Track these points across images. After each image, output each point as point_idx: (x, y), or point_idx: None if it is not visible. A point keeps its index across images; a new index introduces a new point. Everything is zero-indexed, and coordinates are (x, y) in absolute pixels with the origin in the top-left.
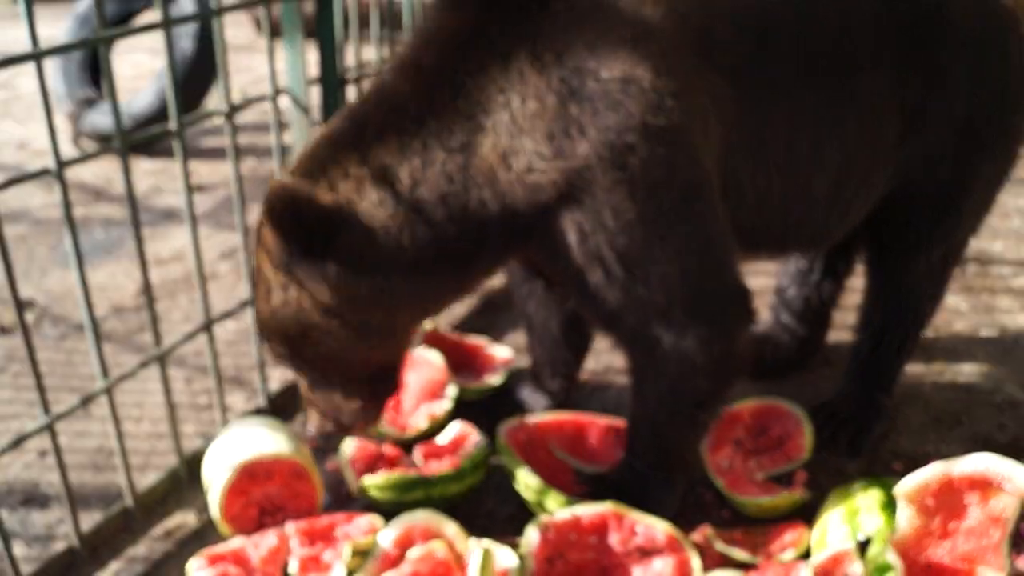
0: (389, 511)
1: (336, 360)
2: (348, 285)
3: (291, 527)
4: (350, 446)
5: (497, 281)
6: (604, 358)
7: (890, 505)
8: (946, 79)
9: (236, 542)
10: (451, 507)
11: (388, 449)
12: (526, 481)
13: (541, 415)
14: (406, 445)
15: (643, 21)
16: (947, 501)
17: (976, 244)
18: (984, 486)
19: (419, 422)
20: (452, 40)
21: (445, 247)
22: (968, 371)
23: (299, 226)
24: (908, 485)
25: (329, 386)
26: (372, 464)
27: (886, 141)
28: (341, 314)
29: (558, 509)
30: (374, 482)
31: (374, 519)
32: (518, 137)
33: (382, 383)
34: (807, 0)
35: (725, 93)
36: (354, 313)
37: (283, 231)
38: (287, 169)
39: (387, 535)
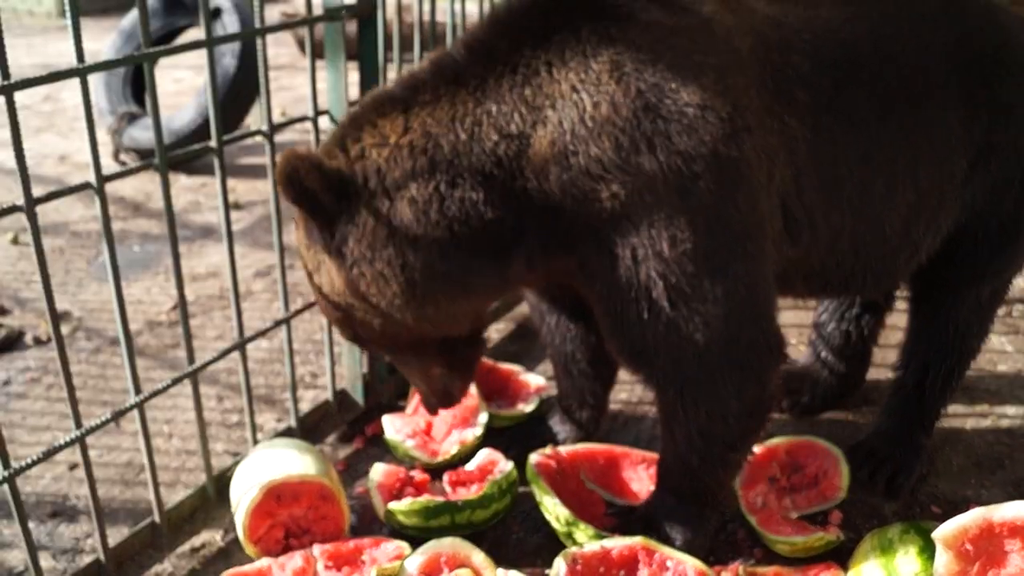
0: (416, 537)
1: (394, 337)
2: (366, 258)
3: (317, 550)
4: (379, 471)
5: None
6: (638, 389)
7: (928, 550)
8: (1011, 114)
9: (262, 563)
10: (478, 535)
11: (417, 475)
12: (555, 511)
13: (573, 445)
14: (436, 471)
15: (730, 52)
16: (987, 548)
17: (1023, 284)
18: None
19: (449, 448)
20: (533, 29)
21: (478, 231)
22: (1012, 414)
23: (309, 195)
24: (947, 530)
25: (408, 358)
26: (400, 489)
27: (955, 178)
28: (372, 292)
29: (587, 541)
30: (400, 507)
31: (401, 544)
32: (582, 139)
33: (460, 350)
34: (882, 38)
35: (799, 134)
36: (382, 293)
37: (299, 203)
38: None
39: (413, 561)
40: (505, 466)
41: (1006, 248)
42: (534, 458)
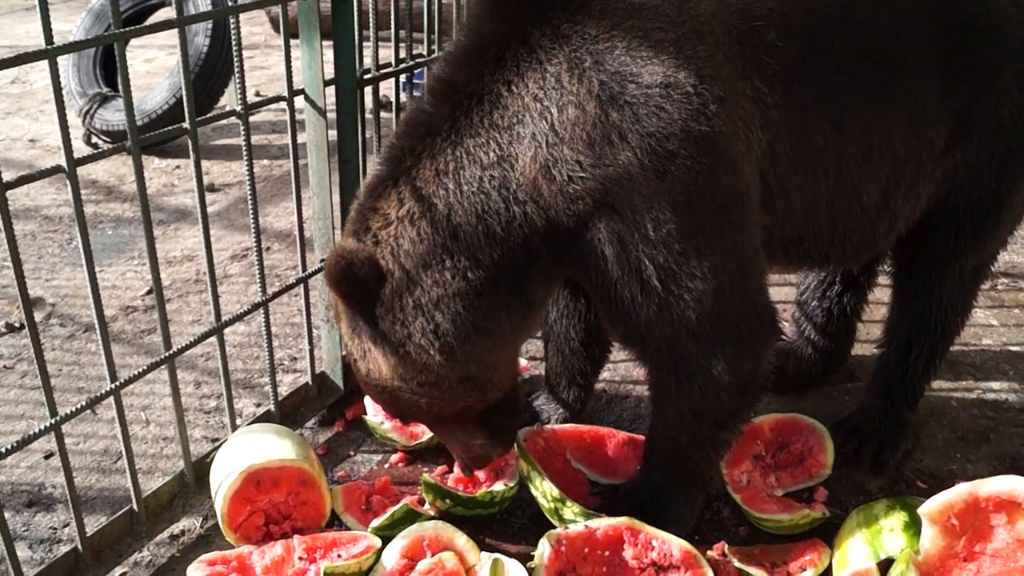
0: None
1: (444, 409)
2: (404, 335)
3: (297, 540)
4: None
5: None
6: (622, 369)
7: (913, 525)
8: (994, 85)
9: (242, 549)
10: (461, 517)
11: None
12: (543, 488)
13: (559, 424)
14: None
15: (688, 21)
16: (973, 522)
17: (1007, 257)
18: (1011, 507)
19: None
20: (487, 52)
21: (492, 269)
22: (996, 388)
23: (358, 289)
24: (932, 505)
25: (451, 430)
26: (365, 500)
27: (934, 147)
28: (417, 368)
29: (574, 518)
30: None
31: (373, 539)
32: (558, 146)
33: (502, 413)
34: (853, 3)
35: (771, 100)
36: (426, 366)
37: (344, 297)
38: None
39: (396, 545)
40: (512, 480)
41: (988, 223)
42: (523, 434)
